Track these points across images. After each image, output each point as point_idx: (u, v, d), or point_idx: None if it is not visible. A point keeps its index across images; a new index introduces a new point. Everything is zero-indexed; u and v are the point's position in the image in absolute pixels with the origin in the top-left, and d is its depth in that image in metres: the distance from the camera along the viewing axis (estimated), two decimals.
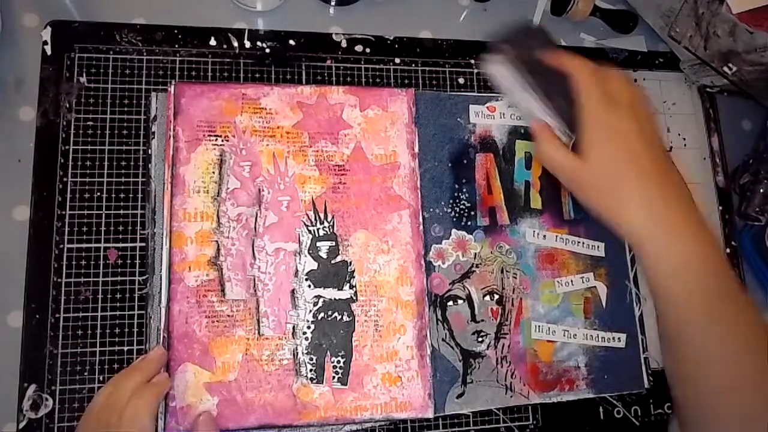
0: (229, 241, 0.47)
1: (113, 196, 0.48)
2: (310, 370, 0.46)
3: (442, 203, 0.52)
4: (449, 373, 0.49)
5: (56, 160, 0.48)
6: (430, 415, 0.47)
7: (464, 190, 0.52)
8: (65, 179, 0.48)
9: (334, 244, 0.48)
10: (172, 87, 0.48)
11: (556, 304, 0.52)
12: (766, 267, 0.58)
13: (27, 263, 0.46)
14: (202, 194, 0.47)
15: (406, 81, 0.55)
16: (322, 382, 0.46)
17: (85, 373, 0.45)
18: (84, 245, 0.47)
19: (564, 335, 0.52)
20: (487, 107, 0.55)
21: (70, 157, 0.48)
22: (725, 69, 0.55)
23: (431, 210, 0.51)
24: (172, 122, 0.48)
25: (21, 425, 0.43)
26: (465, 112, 0.54)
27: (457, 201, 0.52)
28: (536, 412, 0.51)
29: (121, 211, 0.48)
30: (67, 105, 0.49)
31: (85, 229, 0.47)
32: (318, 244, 0.48)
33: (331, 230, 0.48)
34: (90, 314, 0.46)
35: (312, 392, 0.45)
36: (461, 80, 0.57)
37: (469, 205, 0.52)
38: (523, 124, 0.55)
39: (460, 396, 0.48)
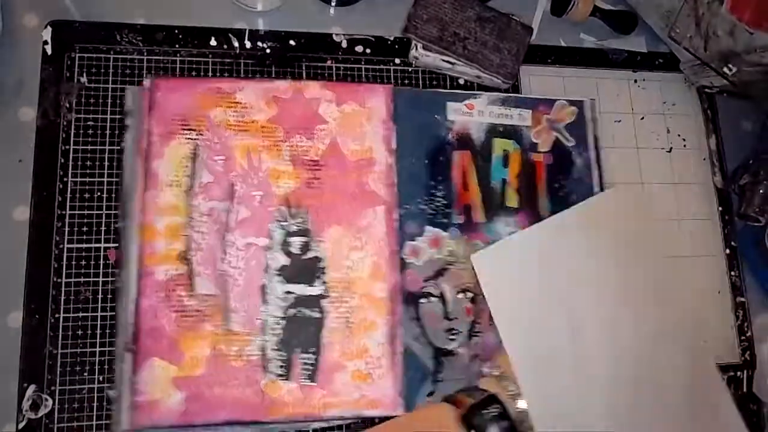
0: (200, 235, 0.46)
1: (113, 196, 0.48)
2: (279, 367, 0.45)
3: (418, 200, 0.51)
4: (420, 370, 0.48)
5: (56, 160, 0.48)
6: (400, 412, 0.46)
7: (440, 187, 0.52)
8: (65, 179, 0.47)
9: (306, 239, 0.48)
10: (148, 81, 0.48)
11: None
12: (765, 268, 0.58)
13: (27, 263, 0.46)
14: (175, 188, 0.47)
15: (406, 81, 0.55)
16: (291, 379, 0.45)
17: (85, 374, 0.45)
18: (84, 245, 0.47)
19: None
20: (466, 105, 0.54)
21: (71, 157, 0.48)
22: (725, 70, 0.54)
23: (406, 207, 0.51)
24: (147, 116, 0.48)
25: (20, 425, 0.43)
26: (443, 109, 0.54)
27: (433, 198, 0.52)
28: None
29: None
30: (68, 105, 0.49)
31: (85, 229, 0.47)
32: (290, 239, 0.48)
33: (304, 226, 0.48)
34: (90, 314, 0.46)
35: (280, 389, 0.45)
36: (461, 81, 0.56)
37: (445, 202, 0.52)
38: (502, 122, 0.55)
39: (430, 394, 0.48)
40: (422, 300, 0.50)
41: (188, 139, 0.48)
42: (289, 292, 0.47)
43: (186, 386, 0.44)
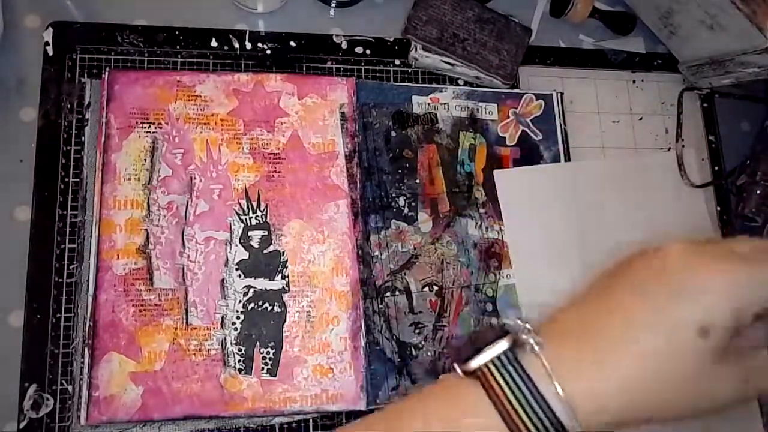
0: (159, 229, 0.46)
1: None
2: (239, 361, 0.45)
3: (382, 193, 0.51)
4: (385, 365, 0.48)
5: (57, 160, 0.47)
6: (362, 407, 0.46)
7: (405, 180, 0.52)
8: (66, 179, 0.47)
9: (266, 233, 0.47)
10: (106, 74, 0.48)
11: (497, 296, 0.51)
12: None
13: (28, 263, 0.46)
14: (133, 182, 0.46)
15: (407, 82, 0.55)
16: (251, 373, 0.45)
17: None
18: None
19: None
20: (431, 98, 0.54)
21: (72, 158, 0.48)
22: (724, 70, 0.55)
23: (371, 200, 0.51)
24: (105, 109, 0.47)
25: (22, 425, 0.43)
26: (408, 103, 0.53)
27: (399, 191, 0.51)
28: None
29: None
30: (69, 106, 0.48)
31: None
32: (250, 233, 0.47)
33: (264, 219, 0.48)
34: None
35: (240, 383, 0.45)
36: (461, 82, 0.56)
37: (410, 195, 0.52)
38: (468, 116, 0.54)
39: (394, 389, 0.48)
40: (387, 294, 0.50)
41: (147, 132, 0.47)
42: (249, 287, 0.46)
43: (144, 381, 0.44)
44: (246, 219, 0.47)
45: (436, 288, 0.50)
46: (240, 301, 0.46)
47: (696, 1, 0.51)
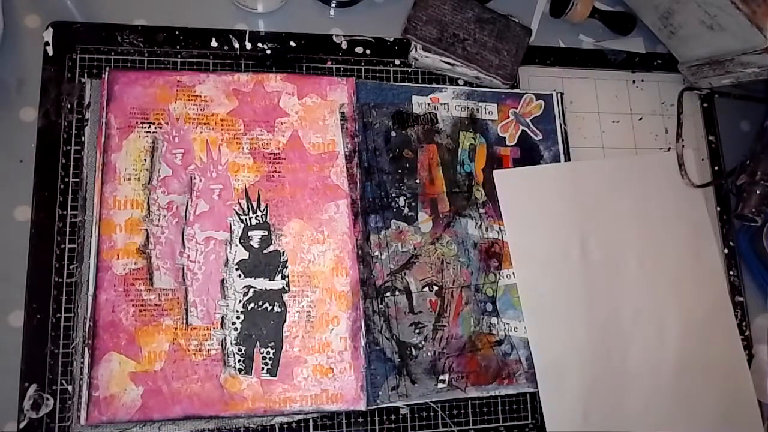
0: (159, 229, 0.46)
1: None
2: (239, 361, 0.45)
3: (382, 193, 0.51)
4: (385, 365, 0.48)
5: (58, 160, 0.47)
6: (362, 407, 0.46)
7: (405, 180, 0.52)
8: (66, 179, 0.47)
9: (266, 233, 0.47)
10: (106, 74, 0.48)
11: (497, 296, 0.51)
12: (763, 267, 0.57)
13: (28, 263, 0.46)
14: (133, 182, 0.46)
15: (406, 82, 0.55)
16: (251, 373, 0.45)
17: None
18: None
19: (504, 328, 0.51)
20: (431, 98, 0.54)
21: (72, 158, 0.48)
22: (724, 70, 0.55)
23: (371, 200, 0.51)
24: (105, 109, 0.47)
25: (22, 425, 0.43)
26: (408, 103, 0.53)
27: (399, 191, 0.51)
28: (535, 411, 0.50)
29: None
30: (69, 106, 0.48)
31: None
32: (250, 233, 0.47)
33: (264, 219, 0.48)
34: None
35: (240, 383, 0.45)
36: (460, 82, 0.56)
37: (410, 195, 0.52)
38: (468, 116, 0.54)
39: (394, 388, 0.48)
40: (387, 294, 0.50)
41: (147, 132, 0.47)
42: (249, 287, 0.46)
43: (144, 381, 0.44)
44: (246, 219, 0.47)
45: (436, 288, 0.50)
46: (240, 301, 0.46)
47: (696, 1, 0.51)
